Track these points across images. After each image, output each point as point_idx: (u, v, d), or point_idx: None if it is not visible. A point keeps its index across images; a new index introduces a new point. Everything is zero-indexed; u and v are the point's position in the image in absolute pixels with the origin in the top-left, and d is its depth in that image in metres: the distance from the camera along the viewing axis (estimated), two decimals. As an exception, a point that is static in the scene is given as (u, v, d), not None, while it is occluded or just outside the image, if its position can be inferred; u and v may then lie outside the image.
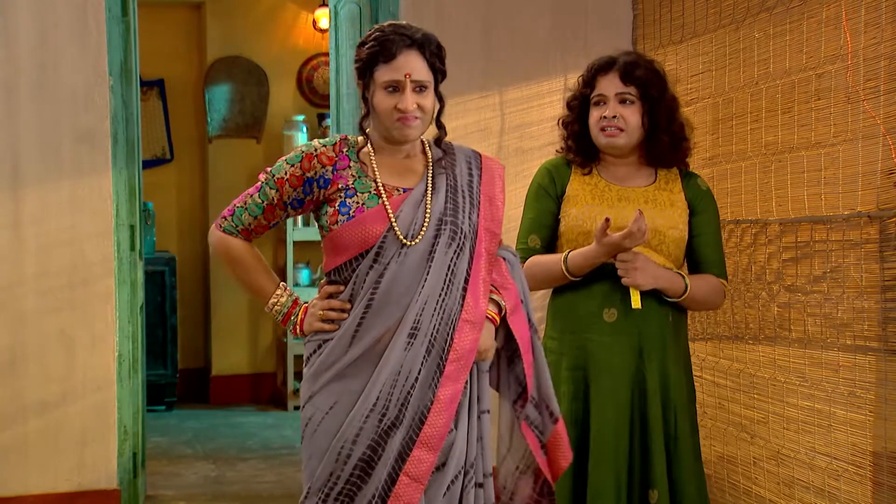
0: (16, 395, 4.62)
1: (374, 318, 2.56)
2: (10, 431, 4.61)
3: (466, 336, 2.59)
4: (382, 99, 2.56)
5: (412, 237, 2.57)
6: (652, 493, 2.97)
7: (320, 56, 7.77)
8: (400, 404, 2.54)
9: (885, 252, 3.36)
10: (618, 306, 2.99)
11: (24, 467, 4.62)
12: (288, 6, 7.77)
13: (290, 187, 2.61)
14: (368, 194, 2.58)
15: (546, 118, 5.05)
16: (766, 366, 3.98)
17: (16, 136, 4.56)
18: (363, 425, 2.54)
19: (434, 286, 2.56)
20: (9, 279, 4.59)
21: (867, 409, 3.45)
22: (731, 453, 4.20)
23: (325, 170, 2.60)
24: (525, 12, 5.01)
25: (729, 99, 4.22)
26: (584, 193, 3.07)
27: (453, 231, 2.60)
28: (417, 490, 2.54)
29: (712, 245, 3.13)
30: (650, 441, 2.97)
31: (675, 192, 3.09)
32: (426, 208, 2.60)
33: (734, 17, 4.18)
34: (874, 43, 3.40)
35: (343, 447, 2.54)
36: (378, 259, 2.56)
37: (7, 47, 4.56)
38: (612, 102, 3.03)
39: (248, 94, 7.70)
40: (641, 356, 2.99)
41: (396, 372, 2.54)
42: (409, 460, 2.54)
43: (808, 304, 3.73)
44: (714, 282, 3.11)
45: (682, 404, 3.05)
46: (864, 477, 3.48)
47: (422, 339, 2.55)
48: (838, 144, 3.57)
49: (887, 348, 3.37)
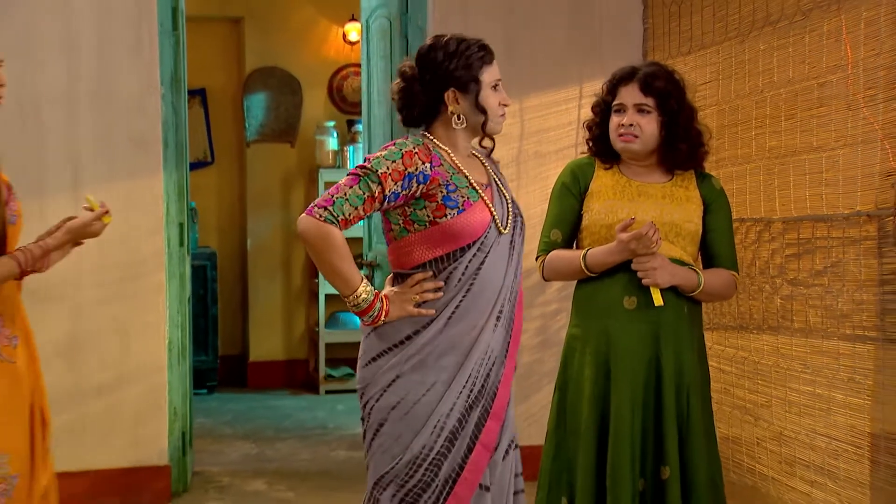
0: (76, 379, 4.65)
1: (471, 302, 2.60)
2: (71, 412, 4.64)
3: (520, 314, 2.73)
4: (490, 95, 2.66)
5: (504, 226, 2.66)
6: (664, 470, 2.97)
7: (349, 66, 7.79)
8: (483, 380, 2.61)
9: (884, 248, 3.35)
10: (637, 295, 2.99)
11: (83, 445, 4.65)
12: (320, 21, 7.78)
13: (393, 182, 2.54)
14: (468, 188, 2.62)
15: (563, 124, 5.06)
16: (770, 354, 3.98)
17: (76, 141, 4.59)
18: (456, 401, 2.58)
19: (513, 271, 2.67)
20: (69, 273, 4.61)
21: (865, 394, 3.45)
22: (736, 434, 4.20)
23: (425, 166, 2.58)
24: (543, 26, 5.02)
25: (735, 106, 4.21)
26: (606, 189, 3.08)
27: (521, 220, 2.74)
28: (487, 457, 2.62)
29: (725, 241, 3.13)
30: (663, 421, 2.98)
31: (690, 189, 3.10)
32: (505, 201, 2.70)
33: (740, 31, 4.17)
34: (873, 54, 3.40)
35: (439, 421, 2.58)
36: (482, 248, 2.61)
37: (69, 60, 4.59)
38: (630, 111, 3.04)
39: (283, 101, 7.71)
40: (658, 342, 3.00)
41: (485, 351, 2.61)
42: (484, 430, 2.61)
43: (809, 296, 3.72)
44: (726, 275, 3.11)
45: (696, 388, 3.05)
46: (862, 456, 3.47)
47: (504, 322, 2.65)
48: (839, 148, 3.56)
49: (885, 337, 3.36)
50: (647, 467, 3.00)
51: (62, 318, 4.65)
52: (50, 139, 4.61)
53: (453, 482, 2.58)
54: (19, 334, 2.82)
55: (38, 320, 4.64)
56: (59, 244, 2.74)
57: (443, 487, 2.58)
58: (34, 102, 4.60)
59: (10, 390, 2.76)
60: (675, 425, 2.99)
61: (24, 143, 4.60)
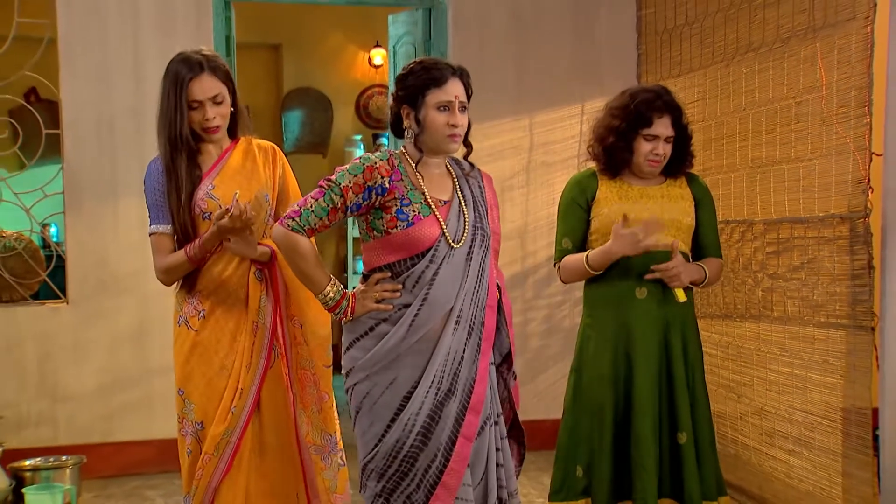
0: (143, 360, 4.69)
1: (427, 312, 2.55)
2: (138, 389, 4.68)
3: (491, 318, 2.64)
4: (436, 117, 2.53)
5: (457, 241, 2.58)
6: (680, 435, 3.01)
7: (374, 87, 7.81)
8: (451, 378, 2.56)
9: (855, 246, 3.37)
10: (647, 285, 3.02)
11: (149, 418, 4.69)
12: (348, 47, 7.80)
13: (353, 194, 2.52)
14: (420, 204, 2.55)
15: (567, 137, 5.08)
16: (751, 339, 3.99)
17: (143, 153, 4.58)
18: (424, 399, 2.55)
19: (472, 281, 2.59)
20: (137, 268, 4.65)
21: (838, 374, 3.47)
22: (721, 410, 4.21)
23: (384, 180, 2.53)
24: (550, 51, 5.04)
25: (720, 122, 4.22)
26: (611, 195, 3.10)
27: (482, 235, 2.63)
28: (469, 447, 2.58)
29: (713, 232, 3.18)
30: (675, 393, 3.02)
31: (683, 188, 3.14)
32: (464, 217, 2.61)
33: (725, 56, 4.18)
34: (845, 77, 3.41)
35: (409, 418, 2.55)
36: (433, 259, 2.55)
37: (138, 84, 4.63)
38: (662, 142, 3.04)
39: (317, 118, 7.73)
40: (667, 325, 3.04)
41: (447, 353, 2.56)
42: (464, 424, 2.57)
43: (787, 288, 3.74)
44: (718, 263, 3.17)
45: (698, 364, 3.11)
46: (836, 429, 3.49)
47: (464, 325, 2.57)
48: (815, 159, 3.58)
49: (856, 325, 3.38)
50: (664, 434, 3.04)
51: (132, 307, 4.68)
52: (120, 151, 4.65)
53: (439, 472, 2.55)
54: (209, 310, 2.88)
55: (114, 309, 4.74)
56: (210, 237, 2.77)
57: (423, 476, 2.56)
58: (109, 119, 4.64)
59: (191, 353, 2.89)
60: (686, 396, 3.04)
61: (101, 153, 4.65)
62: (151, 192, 2.88)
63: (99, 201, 4.67)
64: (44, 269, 4.82)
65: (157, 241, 2.89)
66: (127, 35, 4.64)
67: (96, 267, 4.66)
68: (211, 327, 2.88)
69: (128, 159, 4.62)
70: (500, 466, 2.68)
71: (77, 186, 4.63)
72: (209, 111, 2.84)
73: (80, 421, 4.66)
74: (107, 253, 4.67)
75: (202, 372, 2.88)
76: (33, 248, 4.87)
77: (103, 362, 4.68)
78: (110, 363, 4.68)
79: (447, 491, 2.55)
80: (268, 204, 2.93)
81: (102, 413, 4.69)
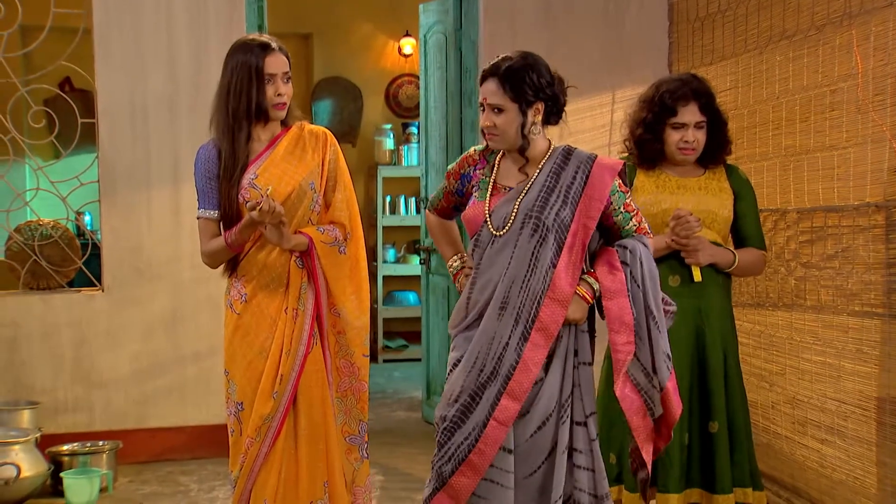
0: (176, 347, 4.74)
1: (477, 292, 2.65)
2: (172, 375, 4.73)
3: (552, 311, 2.58)
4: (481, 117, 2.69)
5: (501, 228, 2.61)
6: (712, 424, 3.01)
7: (404, 76, 7.82)
8: (494, 362, 2.59)
9: (891, 235, 3.34)
10: (681, 273, 3.03)
11: (182, 404, 4.74)
12: (378, 36, 7.81)
13: (454, 180, 2.82)
14: (483, 191, 2.68)
15: (597, 126, 5.06)
16: (784, 328, 3.97)
17: (176, 141, 4.66)
18: (466, 378, 2.61)
19: (518, 269, 2.59)
20: (170, 255, 4.70)
21: (873, 363, 3.44)
22: (753, 398, 4.17)
23: (470, 169, 2.78)
24: (580, 40, 5.00)
25: (753, 110, 4.19)
26: (649, 185, 3.09)
27: (535, 224, 2.60)
28: (503, 432, 2.59)
29: (753, 224, 3.16)
30: (710, 381, 3.01)
31: (721, 181, 3.13)
32: (516, 205, 2.63)
33: (758, 44, 4.15)
34: (882, 64, 3.37)
35: (452, 394, 2.64)
36: (478, 244, 2.66)
37: (171, 72, 4.67)
38: (692, 129, 3.03)
39: (346, 107, 7.76)
40: (700, 313, 3.03)
41: (491, 337, 2.59)
42: (498, 408, 2.58)
43: (821, 277, 3.71)
44: (757, 253, 3.15)
45: (733, 352, 3.11)
46: (869, 418, 3.46)
47: (511, 312, 2.59)
48: (849, 147, 3.54)
49: (891, 314, 3.35)
50: (694, 423, 3.03)
51: (165, 294, 4.73)
52: (154, 140, 4.69)
53: (468, 450, 2.59)
54: (250, 294, 2.91)
55: (147, 297, 4.78)
56: (244, 227, 2.81)
57: (455, 451, 2.61)
58: (143, 108, 4.67)
59: (233, 335, 2.92)
60: (721, 385, 3.03)
61: (135, 142, 4.69)
62: (200, 177, 2.92)
63: (133, 189, 4.71)
64: (79, 257, 4.88)
65: (203, 226, 2.93)
66: (161, 24, 4.67)
67: (131, 254, 4.71)
68: (252, 311, 2.91)
69: (161, 148, 4.67)
70: (579, 468, 2.63)
71: (112, 175, 4.68)
72: (281, 87, 2.87)
73: (115, 407, 4.72)
74: (141, 240, 4.72)
75: (243, 353, 2.92)
76: (69, 236, 4.93)
77: (137, 349, 4.73)
78: (144, 350, 4.74)
79: (472, 469, 2.59)
80: (312, 191, 2.94)
81: (137, 399, 4.74)
